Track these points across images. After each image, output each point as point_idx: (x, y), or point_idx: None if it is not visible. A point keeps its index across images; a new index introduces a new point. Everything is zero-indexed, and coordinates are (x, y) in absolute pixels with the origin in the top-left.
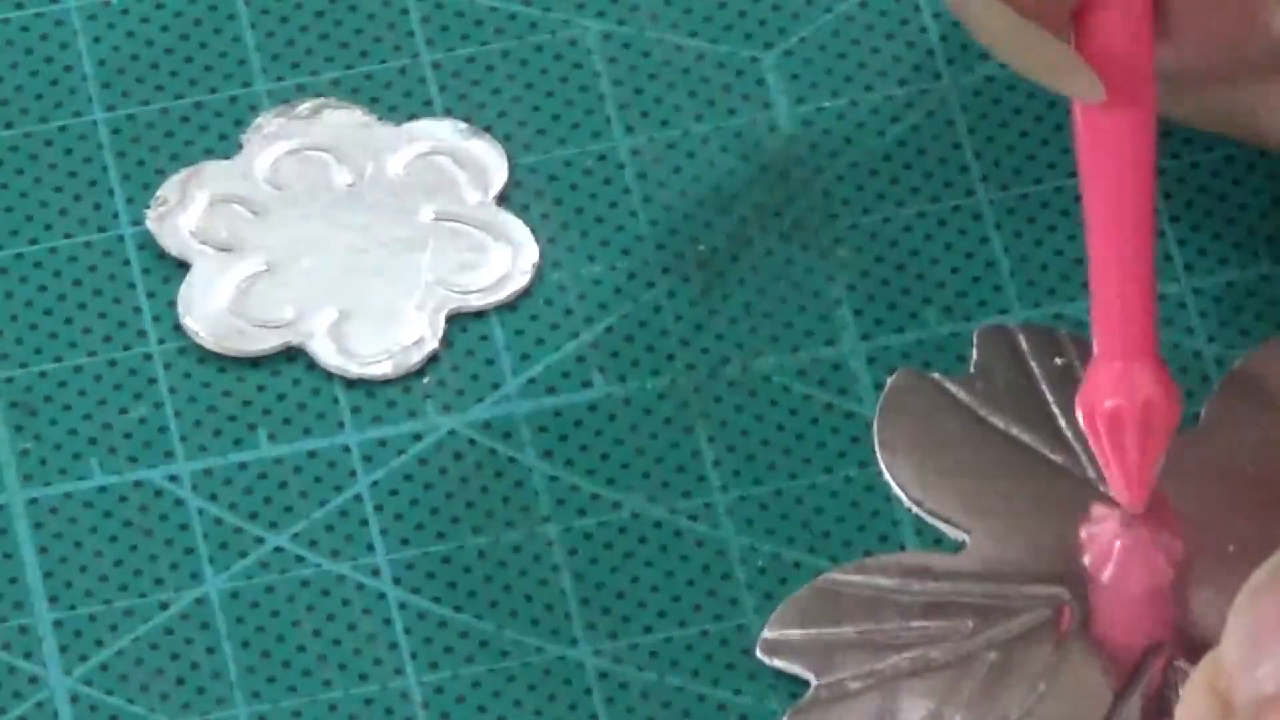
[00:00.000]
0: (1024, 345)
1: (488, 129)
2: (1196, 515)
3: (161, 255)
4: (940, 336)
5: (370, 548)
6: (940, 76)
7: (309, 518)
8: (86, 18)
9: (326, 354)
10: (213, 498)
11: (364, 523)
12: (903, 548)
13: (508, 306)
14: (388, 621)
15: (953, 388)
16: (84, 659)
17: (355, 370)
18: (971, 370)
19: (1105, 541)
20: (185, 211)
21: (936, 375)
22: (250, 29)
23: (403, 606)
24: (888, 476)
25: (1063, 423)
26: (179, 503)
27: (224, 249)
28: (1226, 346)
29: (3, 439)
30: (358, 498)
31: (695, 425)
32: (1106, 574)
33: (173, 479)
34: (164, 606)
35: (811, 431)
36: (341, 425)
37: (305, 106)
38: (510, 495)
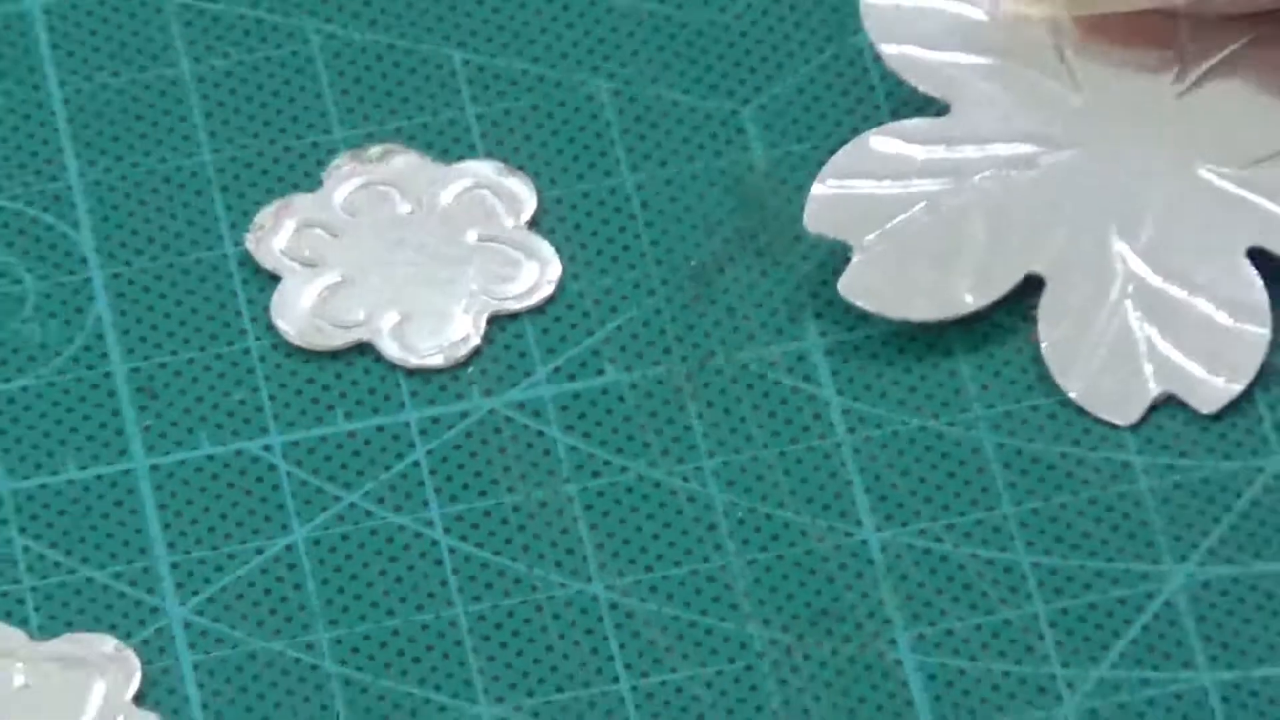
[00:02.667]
0: None
1: (520, 168)
2: None
3: (258, 270)
4: (885, 334)
5: (425, 504)
6: (883, 125)
7: (376, 480)
8: (197, 80)
9: (390, 349)
10: (299, 464)
11: (420, 484)
12: (854, 508)
13: (537, 310)
14: (439, 563)
15: None
16: (195, 593)
17: (414, 361)
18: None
19: None
20: (277, 234)
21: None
22: (329, 88)
23: (451, 551)
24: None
25: None
26: (271, 468)
27: (308, 265)
28: None
29: (130, 417)
30: (415, 464)
31: (687, 405)
32: None
33: (266, 449)
34: (259, 551)
35: (781, 410)
36: (403, 405)
37: (374, 150)
38: (539, 461)
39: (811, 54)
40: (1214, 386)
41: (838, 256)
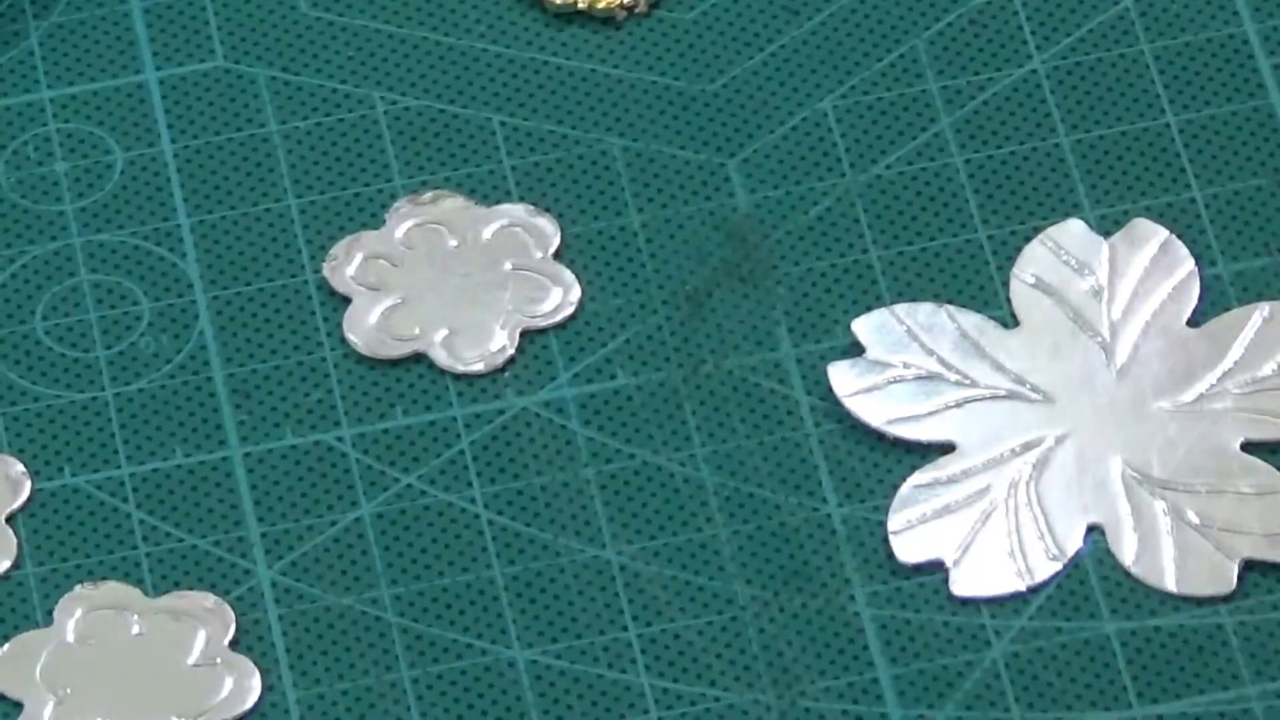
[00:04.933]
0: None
1: (547, 209)
2: None
3: (332, 293)
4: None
5: (469, 485)
6: (845, 175)
7: (429, 464)
8: (283, 138)
9: (441, 357)
10: (366, 451)
11: (465, 468)
12: (820, 488)
13: (561, 326)
14: (480, 533)
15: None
16: (281, 558)
17: (460, 368)
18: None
19: None
20: (349, 264)
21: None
22: (390, 144)
23: (490, 523)
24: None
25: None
26: (343, 455)
27: (373, 289)
28: None
29: (228, 412)
30: (461, 452)
31: (684, 403)
32: None
33: (339, 439)
34: (333, 524)
35: (760, 408)
36: (451, 404)
37: (428, 195)
38: (562, 449)
39: (784, 117)
40: None
41: (806, 282)
